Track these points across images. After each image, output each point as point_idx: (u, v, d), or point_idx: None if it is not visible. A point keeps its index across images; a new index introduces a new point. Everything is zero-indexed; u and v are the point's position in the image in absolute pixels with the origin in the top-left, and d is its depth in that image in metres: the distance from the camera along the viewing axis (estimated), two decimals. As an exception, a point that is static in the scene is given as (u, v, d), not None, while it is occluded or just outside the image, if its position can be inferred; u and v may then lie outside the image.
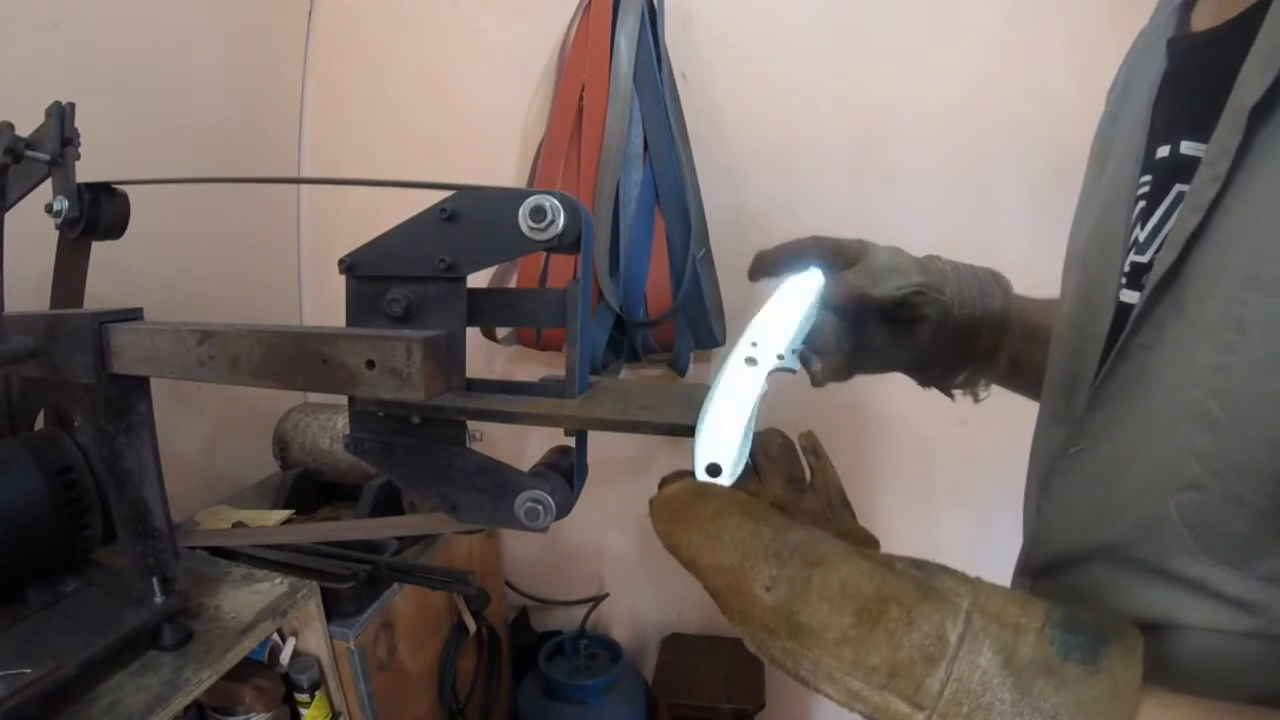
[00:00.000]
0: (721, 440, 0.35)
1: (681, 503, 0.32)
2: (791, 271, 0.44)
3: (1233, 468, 0.29)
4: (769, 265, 0.49)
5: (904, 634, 0.27)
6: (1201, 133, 0.33)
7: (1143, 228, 0.37)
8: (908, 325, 0.50)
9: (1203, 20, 0.38)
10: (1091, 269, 0.42)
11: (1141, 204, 0.38)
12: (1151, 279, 0.34)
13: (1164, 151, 0.37)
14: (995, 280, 0.52)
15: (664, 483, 0.36)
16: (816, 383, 0.44)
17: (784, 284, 0.43)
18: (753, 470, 0.38)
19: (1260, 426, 0.29)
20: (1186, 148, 0.35)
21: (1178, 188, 0.35)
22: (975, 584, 0.29)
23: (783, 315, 0.41)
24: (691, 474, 0.35)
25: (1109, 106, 0.48)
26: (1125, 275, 0.38)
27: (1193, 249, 0.32)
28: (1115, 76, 0.49)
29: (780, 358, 0.38)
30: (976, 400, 0.56)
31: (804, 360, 0.45)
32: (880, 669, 0.27)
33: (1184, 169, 0.34)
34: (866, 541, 0.36)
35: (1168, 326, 0.33)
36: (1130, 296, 0.37)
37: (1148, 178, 0.38)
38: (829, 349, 0.44)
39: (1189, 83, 0.37)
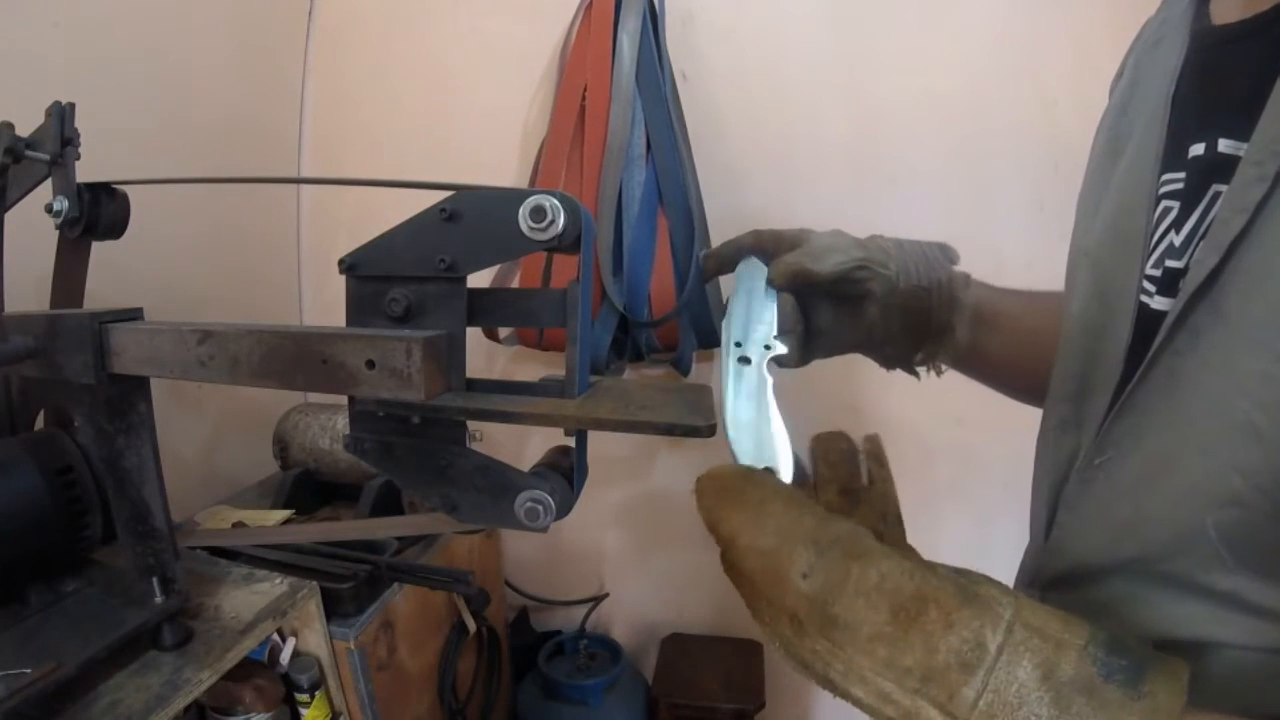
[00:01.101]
0: (769, 446, 0.35)
1: (729, 481, 0.32)
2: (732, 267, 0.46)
3: None
4: (719, 263, 0.50)
5: (941, 637, 0.26)
6: (1241, 130, 0.31)
7: (1178, 232, 0.35)
8: (854, 303, 0.49)
9: (1226, 13, 0.36)
10: (1106, 269, 0.41)
11: (1170, 204, 0.36)
12: (1189, 282, 0.32)
13: (1198, 149, 0.35)
14: (943, 252, 0.51)
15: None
16: (786, 364, 0.44)
17: (735, 278, 0.44)
18: (809, 477, 0.38)
19: None
20: (1225, 146, 0.33)
21: (1215, 187, 0.33)
22: (1018, 596, 0.28)
23: (750, 307, 0.41)
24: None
25: (1115, 98, 0.47)
26: (1154, 280, 0.37)
27: (1234, 252, 0.30)
28: (1119, 68, 0.48)
29: (768, 348, 0.39)
30: (939, 374, 0.55)
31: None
32: (914, 671, 0.26)
33: (1222, 168, 0.32)
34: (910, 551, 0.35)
35: (1204, 332, 0.32)
36: (1161, 303, 0.36)
37: (1177, 175, 0.36)
38: (787, 327, 0.44)
39: (1219, 77, 0.36)
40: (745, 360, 0.38)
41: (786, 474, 0.35)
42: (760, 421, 0.36)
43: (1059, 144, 1.13)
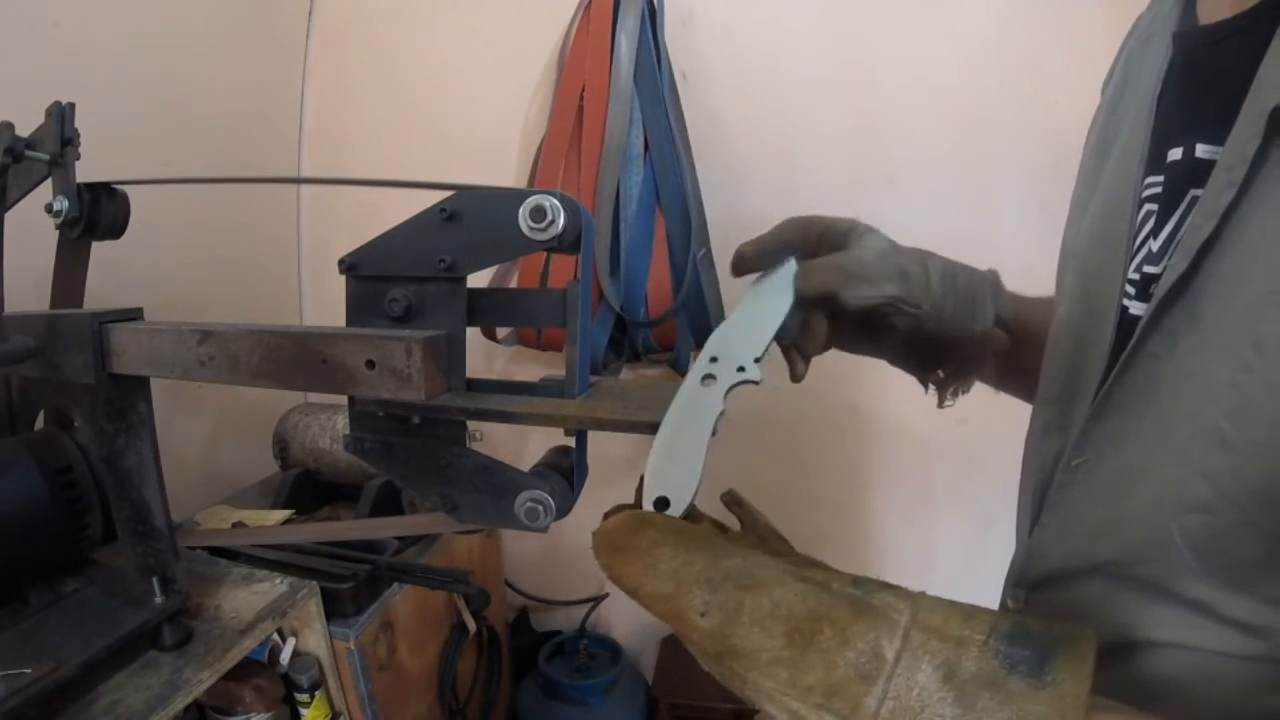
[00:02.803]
0: (674, 474, 0.34)
1: (621, 535, 0.32)
2: (771, 264, 0.43)
3: (1247, 493, 0.28)
4: (750, 260, 0.47)
5: (838, 653, 0.27)
6: (1218, 135, 0.31)
7: (1155, 238, 0.35)
8: (876, 329, 0.47)
9: (1213, 12, 0.36)
10: (1091, 273, 0.41)
11: (1150, 208, 0.36)
12: (1161, 287, 0.32)
13: (1176, 154, 0.35)
14: (992, 294, 0.47)
15: (607, 517, 0.35)
16: (796, 380, 0.44)
17: (758, 283, 0.41)
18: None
19: (1279, 452, 0.27)
20: (1202, 151, 0.33)
21: (1193, 193, 0.33)
22: (917, 599, 0.28)
23: (745, 324, 0.39)
24: (634, 506, 0.34)
25: (1106, 98, 0.46)
26: (1134, 285, 0.37)
27: (1206, 257, 0.30)
28: (1111, 66, 0.47)
29: (741, 370, 0.37)
30: (941, 405, 0.53)
31: (788, 360, 0.44)
32: (816, 689, 0.26)
33: (1199, 173, 0.32)
34: (808, 565, 0.35)
35: (1180, 337, 0.32)
36: (1139, 308, 0.36)
37: (1157, 179, 0.36)
38: (814, 349, 0.43)
39: (1201, 80, 0.35)
40: (710, 379, 0.37)
41: (681, 506, 0.34)
42: (686, 453, 0.34)
43: (1059, 144, 1.12)
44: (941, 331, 0.46)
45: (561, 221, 0.37)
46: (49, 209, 0.61)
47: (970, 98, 1.17)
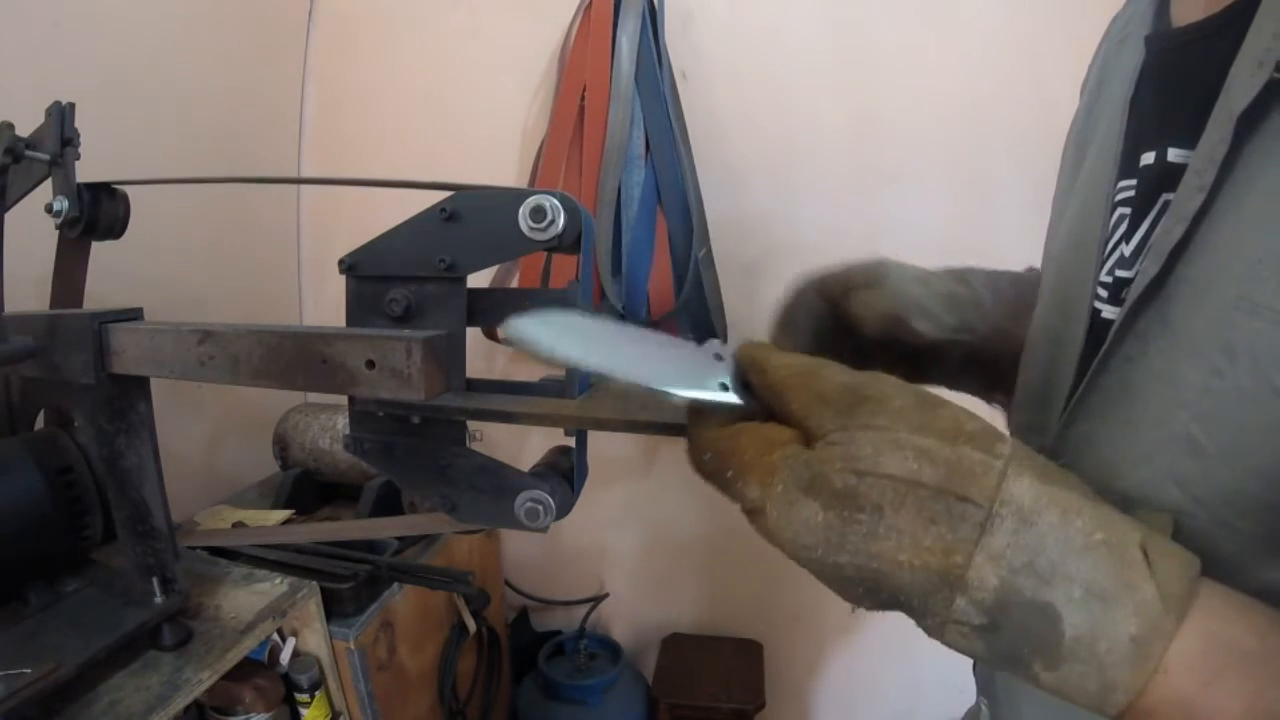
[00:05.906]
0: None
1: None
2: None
3: (1218, 496, 0.28)
4: (787, 327, 0.45)
5: (968, 420, 0.27)
6: (1190, 138, 0.31)
7: (1129, 242, 0.35)
8: (925, 362, 0.45)
9: (1187, 13, 0.35)
10: (1067, 275, 0.41)
11: (1123, 211, 0.36)
12: (1133, 291, 0.32)
13: (1149, 158, 0.35)
14: (1032, 290, 0.45)
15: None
16: None
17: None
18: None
19: (1248, 456, 0.27)
20: (1174, 155, 0.33)
21: (1165, 197, 0.33)
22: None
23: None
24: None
25: (1083, 100, 0.46)
26: (1106, 288, 0.37)
27: (1177, 261, 0.30)
28: (1089, 67, 0.47)
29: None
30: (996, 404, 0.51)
31: None
32: (949, 432, 0.27)
33: (1172, 177, 0.32)
34: None
35: (1152, 340, 0.32)
36: (1111, 312, 0.36)
37: (1130, 183, 0.36)
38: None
39: (1174, 82, 0.35)
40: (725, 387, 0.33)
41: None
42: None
43: (1059, 144, 1.12)
44: (993, 350, 0.45)
45: (561, 221, 0.37)
46: (49, 209, 0.61)
47: (970, 97, 1.17)
